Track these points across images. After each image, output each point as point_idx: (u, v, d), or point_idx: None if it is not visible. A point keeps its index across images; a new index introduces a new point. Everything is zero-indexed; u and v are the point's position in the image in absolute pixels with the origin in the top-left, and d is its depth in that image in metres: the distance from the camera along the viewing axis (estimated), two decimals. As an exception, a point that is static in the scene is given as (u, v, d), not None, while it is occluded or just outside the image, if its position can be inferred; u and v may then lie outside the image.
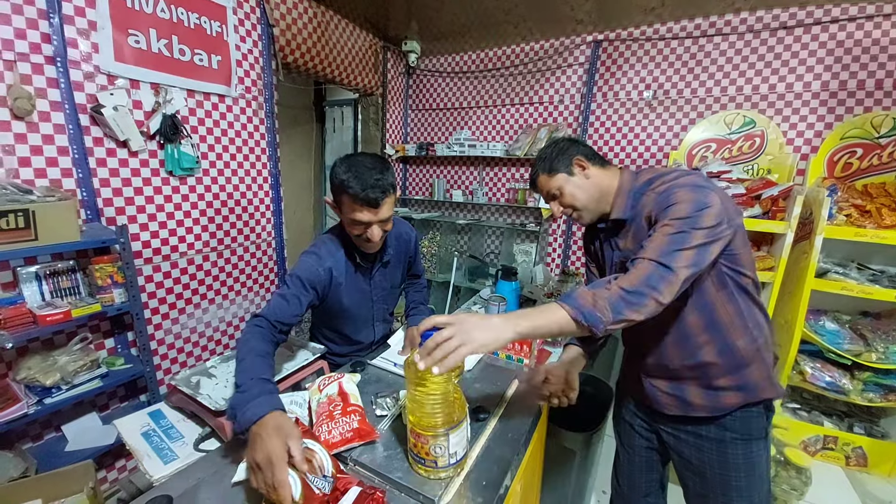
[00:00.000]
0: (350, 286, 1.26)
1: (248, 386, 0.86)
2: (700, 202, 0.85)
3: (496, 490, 0.82)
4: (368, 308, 1.35)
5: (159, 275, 1.98)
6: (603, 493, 1.94)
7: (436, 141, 3.59)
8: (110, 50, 1.64)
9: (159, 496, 0.73)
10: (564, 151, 1.06)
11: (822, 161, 2.29)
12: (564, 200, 1.06)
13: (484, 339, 0.75)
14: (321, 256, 1.19)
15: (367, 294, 1.32)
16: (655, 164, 2.78)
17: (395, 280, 1.42)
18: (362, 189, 1.04)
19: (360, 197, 1.05)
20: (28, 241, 1.32)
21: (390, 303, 1.45)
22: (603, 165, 1.07)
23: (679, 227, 0.84)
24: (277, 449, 0.71)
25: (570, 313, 0.80)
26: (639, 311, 0.80)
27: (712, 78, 2.56)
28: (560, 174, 1.05)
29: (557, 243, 3.19)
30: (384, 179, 1.07)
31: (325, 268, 1.18)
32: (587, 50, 2.86)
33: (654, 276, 0.81)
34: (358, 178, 1.04)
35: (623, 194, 1.03)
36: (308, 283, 1.14)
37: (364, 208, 1.07)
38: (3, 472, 1.36)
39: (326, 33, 2.66)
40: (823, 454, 2.29)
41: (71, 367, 1.54)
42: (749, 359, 0.98)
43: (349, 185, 1.04)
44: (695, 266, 0.83)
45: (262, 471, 0.71)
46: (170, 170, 1.92)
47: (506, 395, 1.14)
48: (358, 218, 1.08)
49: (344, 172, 1.06)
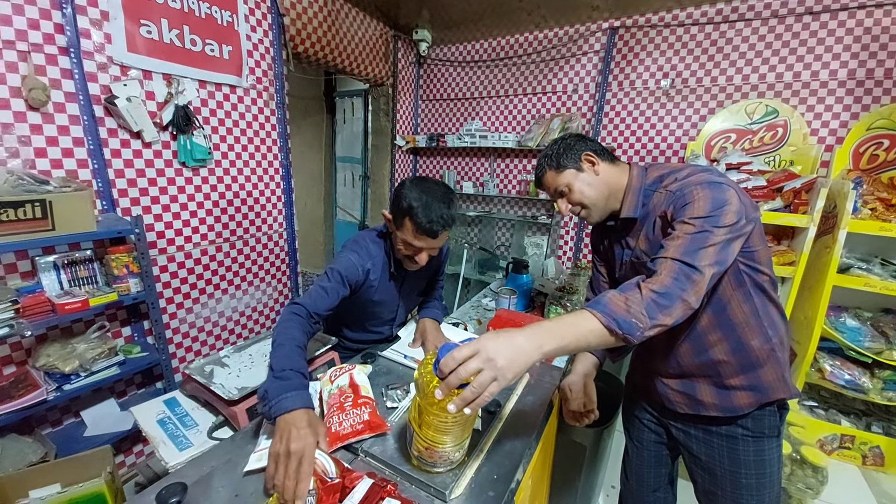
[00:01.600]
0: (382, 289, 1.29)
1: (286, 375, 0.87)
2: (718, 199, 0.83)
3: (507, 484, 0.82)
4: (393, 310, 1.39)
5: (173, 265, 2.01)
6: (612, 487, 1.93)
7: (446, 132, 3.55)
8: (123, 40, 1.65)
9: (175, 483, 0.73)
10: (572, 147, 1.03)
11: (848, 152, 2.21)
12: (573, 197, 1.03)
13: (514, 369, 0.67)
14: (363, 256, 1.22)
15: (395, 298, 1.36)
16: (672, 155, 2.71)
17: (421, 287, 1.47)
18: (428, 222, 1.07)
19: (423, 227, 1.08)
20: (45, 231, 1.34)
21: (411, 306, 1.49)
22: (612, 161, 1.04)
23: (700, 225, 0.82)
24: (311, 445, 0.75)
25: (602, 321, 0.75)
26: (670, 314, 0.78)
27: (734, 65, 2.47)
28: (568, 170, 1.02)
29: (570, 236, 3.15)
30: (449, 215, 1.10)
31: (364, 268, 1.21)
32: (602, 37, 2.78)
33: (680, 276, 0.79)
34: (426, 208, 1.07)
35: (633, 192, 1.00)
36: (346, 280, 1.17)
37: (423, 237, 1.10)
38: (23, 456, 1.40)
39: (337, 22, 2.63)
40: (840, 453, 2.24)
41: (89, 354, 1.57)
42: (763, 359, 0.95)
43: (416, 214, 1.07)
44: (719, 264, 0.81)
45: (289, 461, 0.72)
46: (182, 161, 1.93)
47: (516, 389, 1.13)
48: (414, 243, 1.12)
49: (415, 199, 1.08)
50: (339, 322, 1.43)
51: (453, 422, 0.72)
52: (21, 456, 1.41)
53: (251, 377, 1.07)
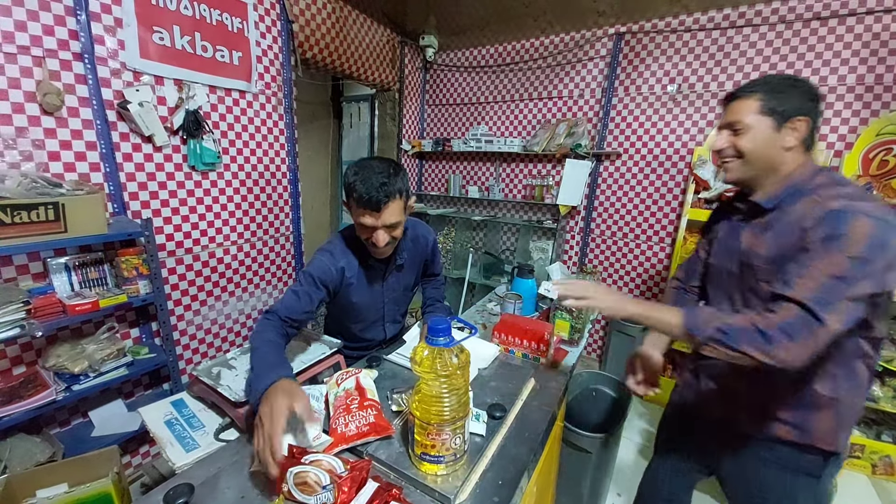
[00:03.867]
0: (361, 286, 1.27)
1: (260, 368, 0.92)
2: (879, 240, 0.70)
3: (512, 489, 0.81)
4: (378, 309, 1.35)
5: (182, 267, 2.03)
6: (618, 495, 1.91)
7: (452, 136, 3.57)
8: (136, 47, 1.68)
9: (182, 484, 0.74)
10: (797, 99, 0.84)
11: (857, 158, 2.18)
12: (740, 142, 0.88)
13: (609, 302, 0.94)
14: (335, 255, 1.20)
15: (379, 295, 1.33)
16: (679, 160, 2.70)
17: (408, 283, 1.41)
18: (366, 192, 1.03)
19: (363, 200, 1.04)
20: (57, 233, 1.36)
21: (402, 304, 1.45)
22: (808, 148, 0.89)
23: (846, 269, 0.70)
24: (280, 405, 0.78)
25: (681, 318, 0.85)
26: (761, 352, 0.74)
27: (741, 71, 2.46)
28: (770, 118, 0.85)
29: (575, 241, 3.14)
30: (390, 184, 1.05)
31: (337, 267, 1.19)
32: (609, 43, 2.79)
33: (796, 323, 0.72)
34: (364, 181, 1.04)
35: (783, 181, 0.88)
36: (320, 281, 1.15)
37: (367, 212, 1.06)
38: (31, 456, 1.41)
39: (345, 28, 2.67)
40: (849, 462, 2.21)
41: (98, 355, 1.59)
42: (819, 404, 0.88)
43: (354, 188, 1.05)
44: (849, 323, 0.71)
45: (262, 426, 0.76)
46: (192, 164, 1.96)
47: (521, 394, 1.12)
48: (362, 221, 1.09)
49: (353, 175, 1.07)
50: (333, 327, 1.42)
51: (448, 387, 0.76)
52: (29, 455, 1.42)
53: (258, 379, 1.08)
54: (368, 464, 0.79)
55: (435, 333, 0.78)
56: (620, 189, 2.92)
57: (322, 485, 0.73)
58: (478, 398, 1.07)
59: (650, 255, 2.89)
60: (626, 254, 2.98)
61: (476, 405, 1.02)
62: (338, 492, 0.72)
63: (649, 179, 2.81)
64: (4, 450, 1.39)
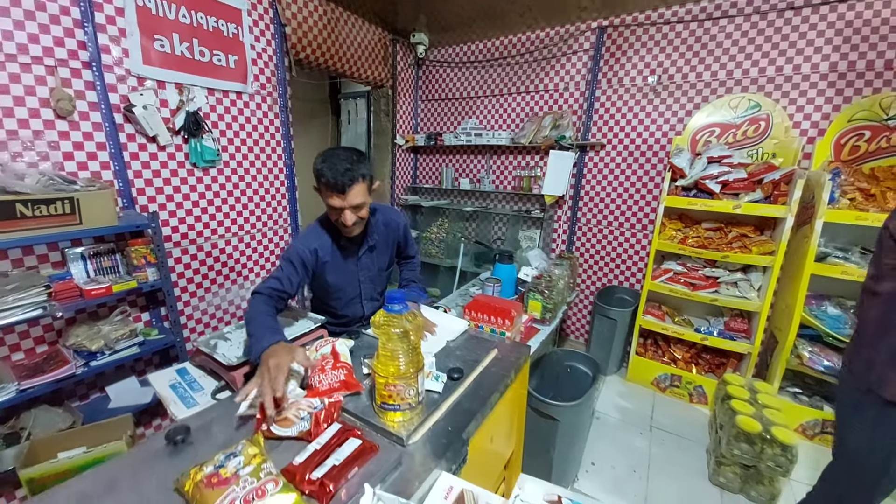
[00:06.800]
0: (336, 265, 1.43)
1: (259, 333, 1.10)
2: None
3: (459, 434, 0.95)
4: (355, 287, 1.51)
5: (187, 257, 2.20)
6: (592, 464, 2.04)
7: (444, 130, 3.68)
8: (139, 54, 1.83)
9: (180, 426, 0.89)
10: None
11: (829, 144, 2.26)
12: None
13: None
14: (308, 239, 1.38)
15: (354, 274, 1.49)
16: (660, 149, 2.79)
17: (381, 263, 1.57)
18: (333, 177, 1.20)
19: (330, 184, 1.21)
20: (73, 225, 1.53)
21: (378, 283, 1.60)
22: None
23: None
24: (283, 360, 0.98)
25: None
26: None
27: (718, 61, 2.54)
28: None
29: (562, 229, 3.25)
30: (353, 169, 1.21)
31: (310, 249, 1.36)
32: (591, 36, 2.88)
33: None
34: (330, 167, 1.21)
35: None
36: (296, 263, 1.33)
37: (334, 194, 1.23)
38: (53, 424, 1.59)
39: (336, 29, 2.79)
40: (822, 437, 2.31)
41: (113, 335, 1.77)
42: None
43: (322, 174, 1.22)
44: None
45: (268, 373, 0.94)
46: (194, 162, 2.11)
47: (482, 361, 1.26)
48: (331, 203, 1.25)
49: (320, 163, 1.23)
50: (317, 305, 1.57)
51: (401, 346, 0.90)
52: (51, 424, 1.61)
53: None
54: (339, 403, 0.95)
55: (391, 301, 0.92)
56: (605, 178, 3.02)
57: (300, 417, 0.89)
58: (442, 363, 1.21)
59: (633, 241, 3.00)
60: (612, 241, 3.08)
61: (439, 369, 1.16)
62: (313, 421, 0.87)
63: (632, 169, 2.90)
64: (29, 419, 1.57)
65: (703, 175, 2.37)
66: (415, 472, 0.84)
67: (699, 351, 2.75)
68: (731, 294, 2.47)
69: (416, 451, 0.90)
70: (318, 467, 0.76)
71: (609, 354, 2.84)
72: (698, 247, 2.44)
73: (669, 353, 2.79)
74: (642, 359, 2.75)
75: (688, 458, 2.15)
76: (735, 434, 1.85)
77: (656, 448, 2.21)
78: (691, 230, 2.55)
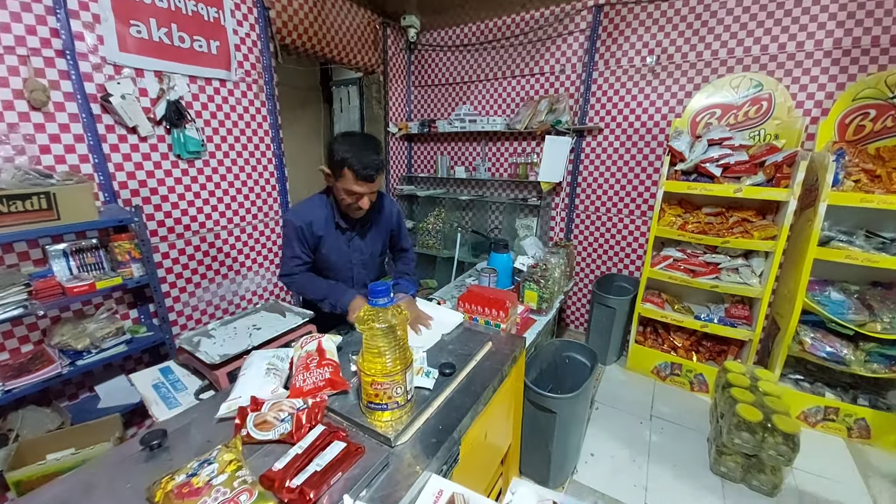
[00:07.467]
0: (329, 240, 1.46)
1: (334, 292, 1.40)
2: None
3: (450, 432, 0.91)
4: (348, 268, 1.53)
5: (174, 252, 2.14)
6: (591, 455, 2.02)
7: (439, 117, 3.59)
8: (114, 41, 1.75)
9: (156, 430, 0.85)
10: None
11: (833, 124, 2.19)
12: None
13: None
14: (302, 214, 1.42)
15: (346, 254, 1.51)
16: (659, 132, 2.71)
17: (374, 248, 1.57)
18: (363, 168, 1.25)
19: (360, 174, 1.26)
20: (51, 220, 1.47)
21: (371, 270, 1.60)
22: None
23: None
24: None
25: None
26: None
27: (718, 39, 2.45)
28: None
29: (560, 217, 3.19)
30: (378, 160, 1.29)
31: (305, 222, 1.41)
32: (588, 16, 2.77)
33: None
34: (358, 157, 1.25)
35: None
36: (294, 240, 1.42)
37: (363, 183, 1.28)
38: (41, 425, 1.56)
39: (323, 12, 2.69)
40: (824, 425, 2.28)
41: (99, 333, 1.73)
42: None
43: (352, 163, 1.25)
44: None
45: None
46: (177, 153, 2.04)
47: (476, 355, 1.21)
48: (355, 190, 1.30)
49: (346, 151, 1.26)
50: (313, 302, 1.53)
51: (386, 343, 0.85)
52: (40, 424, 1.57)
53: (234, 346, 1.19)
54: (324, 403, 0.91)
55: (375, 295, 0.87)
56: (603, 164, 2.95)
57: (280, 419, 0.84)
58: (434, 358, 1.16)
59: (632, 228, 2.94)
60: (610, 228, 3.03)
61: (431, 365, 1.12)
62: (295, 423, 0.83)
63: (630, 153, 2.83)
64: (17, 419, 1.54)
65: (703, 158, 2.30)
66: (403, 474, 0.80)
67: (699, 338, 2.72)
68: (732, 280, 2.42)
69: (404, 452, 0.86)
70: (298, 473, 0.72)
71: (608, 343, 2.80)
72: (698, 232, 2.39)
73: (669, 341, 2.76)
74: (642, 347, 2.72)
75: (688, 447, 2.12)
76: (736, 423, 1.82)
77: (656, 437, 2.19)
78: (691, 215, 2.49)
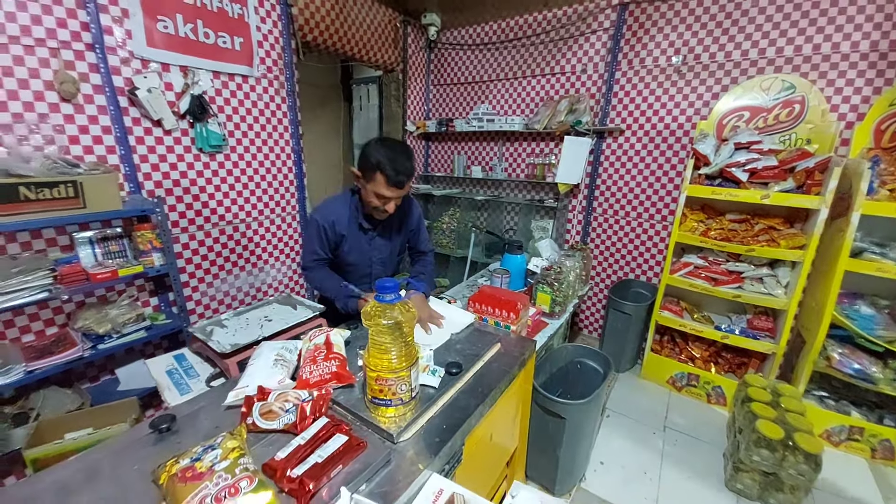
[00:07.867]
0: (352, 239, 1.50)
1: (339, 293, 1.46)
2: None
3: (454, 431, 0.90)
4: (367, 265, 1.58)
5: (194, 243, 2.19)
6: (601, 463, 1.97)
7: (457, 116, 3.58)
8: (142, 36, 1.80)
9: (166, 414, 0.87)
10: None
11: (869, 130, 2.08)
12: None
13: None
14: (326, 213, 1.47)
15: (367, 252, 1.55)
16: (683, 135, 2.64)
17: (394, 248, 1.61)
18: (396, 174, 1.30)
19: (393, 179, 1.30)
20: (77, 208, 1.52)
21: (389, 266, 1.64)
22: None
23: None
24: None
25: None
26: None
27: (749, 39, 2.36)
28: None
29: (577, 220, 3.14)
30: (412, 167, 1.35)
31: (329, 222, 1.46)
32: (612, 14, 2.72)
33: None
34: (393, 163, 1.30)
35: None
36: (315, 239, 1.48)
37: (394, 188, 1.33)
38: (62, 405, 1.62)
39: (345, 10, 2.71)
40: (848, 445, 2.18)
41: (120, 319, 1.78)
42: None
43: (386, 169, 1.29)
44: None
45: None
46: (200, 147, 2.09)
47: (484, 356, 1.20)
48: (385, 194, 1.34)
49: (382, 156, 1.30)
50: None
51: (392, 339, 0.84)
52: (60, 405, 1.63)
53: (245, 336, 1.21)
54: (328, 396, 0.91)
55: (382, 291, 0.87)
56: (623, 166, 2.88)
57: (285, 409, 0.85)
58: (441, 357, 1.15)
59: (652, 233, 2.87)
60: (629, 232, 2.96)
61: (438, 363, 1.11)
62: (299, 414, 0.83)
63: (652, 156, 2.76)
64: (38, 399, 1.60)
65: (729, 162, 2.22)
66: (404, 471, 0.80)
67: (719, 350, 2.63)
68: (756, 290, 2.33)
69: (406, 449, 0.85)
70: (300, 464, 0.72)
71: (623, 351, 2.74)
72: (721, 239, 2.31)
73: (687, 350, 2.67)
74: (658, 356, 2.65)
75: (703, 461, 2.05)
76: (755, 439, 1.75)
77: (670, 448, 2.12)
78: (714, 221, 2.41)
